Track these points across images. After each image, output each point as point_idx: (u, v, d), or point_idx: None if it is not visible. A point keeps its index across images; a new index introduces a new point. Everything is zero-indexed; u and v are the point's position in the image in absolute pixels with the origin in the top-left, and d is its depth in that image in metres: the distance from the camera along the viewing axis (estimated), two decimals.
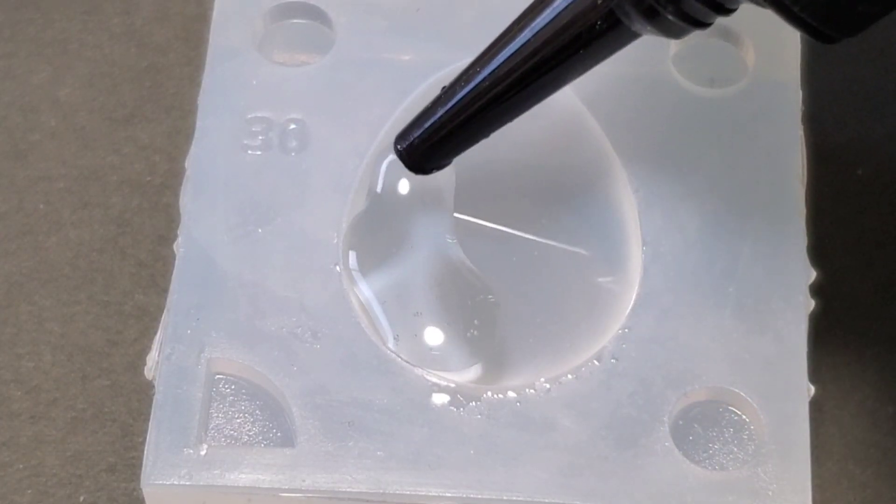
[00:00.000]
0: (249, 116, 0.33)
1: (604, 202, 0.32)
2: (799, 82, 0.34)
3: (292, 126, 0.33)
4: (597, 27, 0.28)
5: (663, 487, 0.29)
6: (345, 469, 0.29)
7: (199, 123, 0.33)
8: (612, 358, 0.31)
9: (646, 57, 0.34)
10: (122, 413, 0.34)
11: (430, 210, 0.32)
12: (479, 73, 0.30)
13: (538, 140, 0.33)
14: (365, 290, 0.31)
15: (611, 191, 0.32)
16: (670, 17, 0.27)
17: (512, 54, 0.29)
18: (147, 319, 0.35)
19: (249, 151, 0.33)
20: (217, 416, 0.30)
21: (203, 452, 0.30)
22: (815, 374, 0.31)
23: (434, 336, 0.31)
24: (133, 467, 0.33)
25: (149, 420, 0.30)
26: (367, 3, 0.34)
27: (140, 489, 0.30)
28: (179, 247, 0.32)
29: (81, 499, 0.33)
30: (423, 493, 0.29)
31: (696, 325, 0.31)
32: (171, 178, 0.36)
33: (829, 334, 0.34)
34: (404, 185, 0.32)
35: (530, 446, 0.30)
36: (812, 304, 0.31)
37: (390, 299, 0.31)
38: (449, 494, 0.29)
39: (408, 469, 0.29)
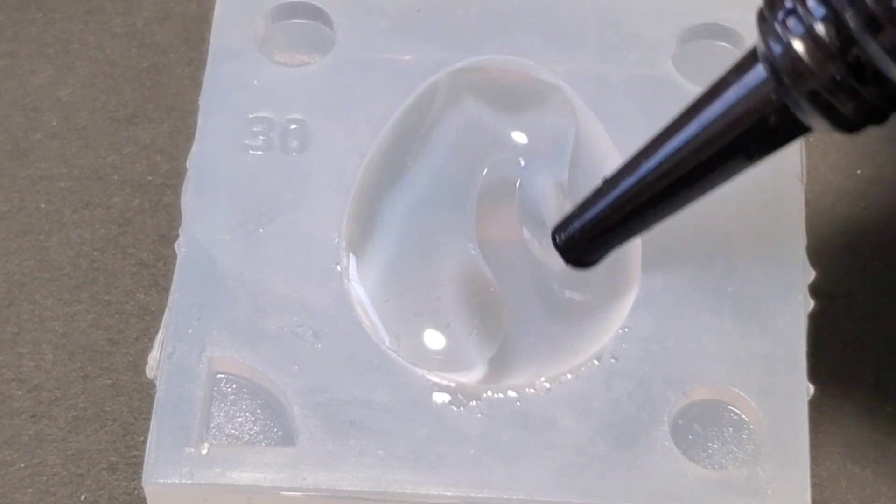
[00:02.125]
0: (250, 116, 0.33)
1: None
2: None
3: (293, 126, 0.33)
4: (770, 122, 0.27)
5: (663, 486, 0.29)
6: (346, 468, 0.29)
7: (200, 123, 0.33)
8: (612, 357, 0.31)
9: (646, 57, 0.34)
10: (124, 412, 0.34)
11: (453, 214, 0.32)
12: (643, 165, 0.29)
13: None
14: (366, 290, 0.31)
15: None
16: (847, 112, 0.26)
17: (679, 148, 0.28)
18: (148, 319, 0.35)
19: (250, 151, 0.33)
20: (218, 415, 0.30)
21: (204, 451, 0.30)
22: (814, 374, 0.31)
23: (435, 337, 0.31)
24: (134, 466, 0.33)
25: (150, 419, 0.30)
26: (367, 3, 0.34)
27: (141, 488, 0.30)
28: (181, 246, 0.32)
29: (83, 497, 0.33)
30: (424, 492, 0.29)
31: (696, 325, 0.31)
32: (173, 178, 0.36)
33: (829, 334, 0.34)
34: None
35: (530, 445, 0.30)
36: (811, 303, 0.31)
37: (392, 299, 0.31)
38: (449, 493, 0.29)
39: (408, 468, 0.29)
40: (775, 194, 0.32)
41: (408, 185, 0.32)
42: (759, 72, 0.27)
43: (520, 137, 0.33)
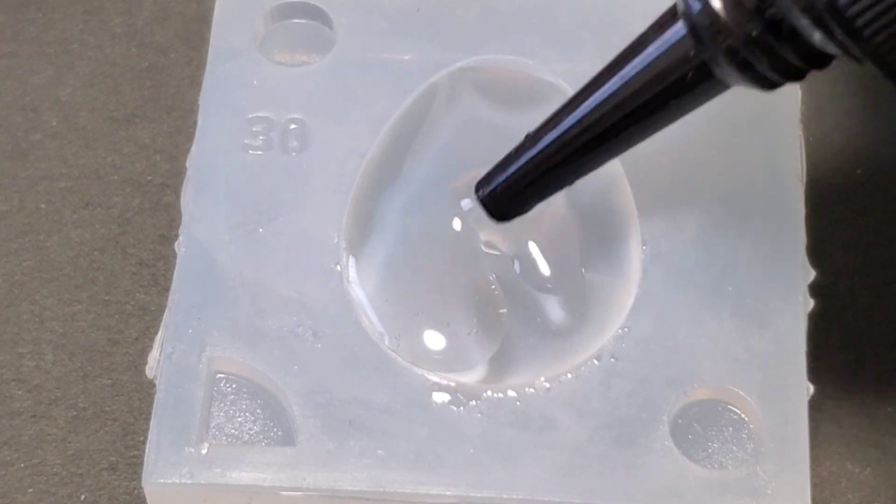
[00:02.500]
0: (250, 116, 0.33)
1: (603, 202, 0.32)
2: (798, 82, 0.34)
3: (293, 126, 0.33)
4: (688, 78, 0.27)
5: (663, 486, 0.29)
6: (345, 468, 0.29)
7: (200, 123, 0.33)
8: (612, 357, 0.31)
9: None
10: (124, 412, 0.34)
11: (452, 214, 0.32)
12: (564, 120, 0.29)
13: None
14: (366, 290, 0.31)
15: (610, 191, 0.32)
16: (764, 70, 0.27)
17: (600, 103, 0.29)
18: (148, 318, 0.35)
19: (250, 151, 0.33)
20: (218, 415, 0.30)
21: (204, 451, 0.30)
22: (814, 374, 0.31)
23: (435, 337, 0.31)
24: (134, 466, 0.33)
25: (150, 419, 0.30)
26: (367, 3, 0.34)
27: (141, 488, 0.30)
28: (181, 246, 0.32)
29: (83, 497, 0.33)
30: (424, 492, 0.29)
31: (696, 325, 0.31)
32: (173, 178, 0.36)
33: (829, 334, 0.34)
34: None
35: (530, 445, 0.30)
36: (811, 303, 0.31)
37: (392, 299, 0.31)
38: (449, 493, 0.29)
39: (408, 468, 0.29)
40: (775, 194, 0.32)
41: (408, 184, 0.32)
42: (678, 29, 0.27)
43: (520, 137, 0.33)
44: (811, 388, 0.30)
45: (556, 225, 0.32)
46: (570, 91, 0.33)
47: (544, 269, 0.31)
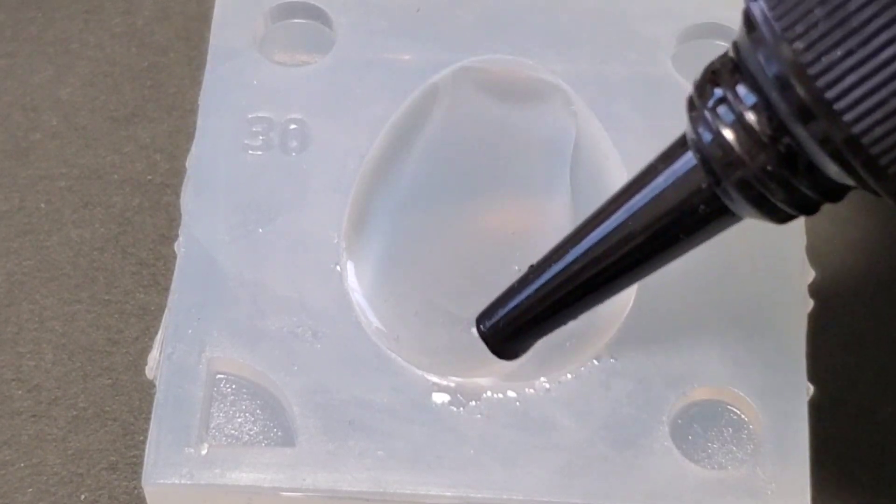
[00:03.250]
0: (250, 116, 0.33)
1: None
2: None
3: (293, 126, 0.33)
4: (699, 211, 0.26)
5: (662, 487, 0.29)
6: (345, 468, 0.29)
7: (199, 123, 0.33)
8: (612, 358, 0.31)
9: (646, 57, 0.34)
10: (124, 412, 0.34)
11: (452, 213, 0.32)
12: (569, 254, 0.28)
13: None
14: (366, 290, 0.31)
15: (611, 191, 0.32)
16: (779, 203, 0.25)
17: (605, 236, 0.27)
18: (148, 318, 0.35)
19: (250, 151, 0.33)
20: (218, 416, 0.30)
21: (204, 452, 0.30)
22: (814, 374, 0.31)
23: (435, 337, 0.31)
24: (134, 466, 0.33)
25: (150, 419, 0.30)
26: (367, 3, 0.34)
27: (141, 488, 0.30)
28: (180, 246, 0.32)
29: (82, 497, 0.33)
30: (423, 493, 0.29)
31: (696, 325, 0.31)
32: (172, 178, 0.36)
33: (829, 334, 0.34)
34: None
35: (530, 446, 0.30)
36: (811, 304, 0.31)
37: (392, 299, 0.31)
38: (449, 494, 0.29)
39: (408, 468, 0.29)
40: None
41: (407, 184, 0.32)
42: (688, 159, 0.26)
43: (520, 136, 0.33)
44: (811, 389, 0.30)
45: (556, 225, 0.32)
46: (570, 90, 0.33)
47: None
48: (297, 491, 0.29)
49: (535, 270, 0.28)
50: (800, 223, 0.32)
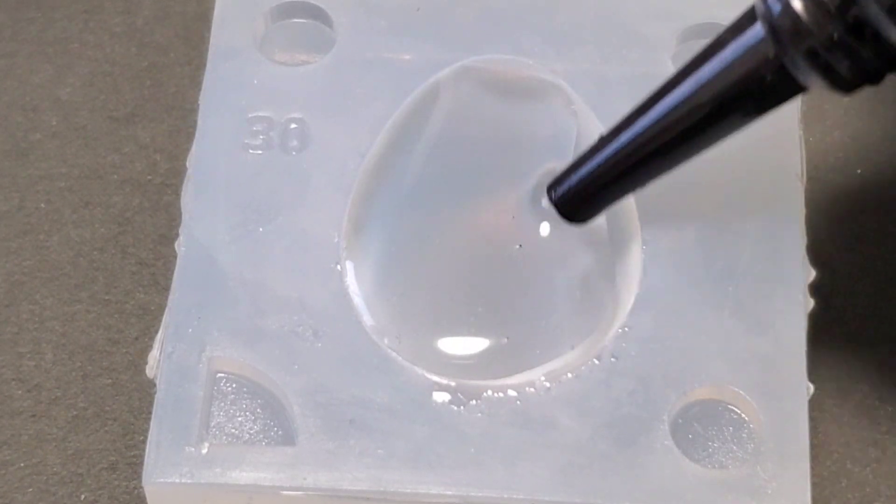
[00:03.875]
0: (250, 116, 0.33)
1: None
2: None
3: (293, 125, 0.33)
4: (766, 80, 0.27)
5: (663, 485, 0.29)
6: (346, 467, 0.29)
7: (200, 123, 0.33)
8: (612, 357, 0.31)
9: (646, 57, 0.34)
10: (124, 411, 0.34)
11: (453, 212, 0.32)
12: (639, 122, 0.29)
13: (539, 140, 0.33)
14: (366, 289, 0.31)
15: None
16: (844, 72, 0.26)
17: (675, 105, 0.28)
18: (148, 318, 0.35)
19: (250, 151, 0.33)
20: (218, 415, 0.30)
21: (204, 451, 0.30)
22: (814, 373, 0.31)
23: (435, 336, 0.31)
24: (134, 466, 0.33)
25: (150, 418, 0.30)
26: (367, 3, 0.34)
27: (141, 487, 0.30)
28: (180, 246, 0.32)
29: (83, 497, 0.33)
30: (424, 492, 0.29)
31: (696, 325, 0.31)
32: (172, 178, 0.36)
33: (829, 333, 0.34)
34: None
35: (530, 445, 0.30)
36: (811, 303, 0.31)
37: (392, 298, 0.31)
38: (449, 493, 0.29)
39: (408, 467, 0.29)
40: (775, 194, 0.32)
41: (408, 184, 0.32)
42: (756, 30, 0.27)
43: (520, 136, 0.33)
44: (811, 388, 0.30)
45: (556, 224, 0.32)
46: (570, 90, 0.33)
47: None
48: (298, 490, 0.29)
49: (606, 138, 0.30)
50: (800, 223, 0.32)
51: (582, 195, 0.30)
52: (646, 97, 0.29)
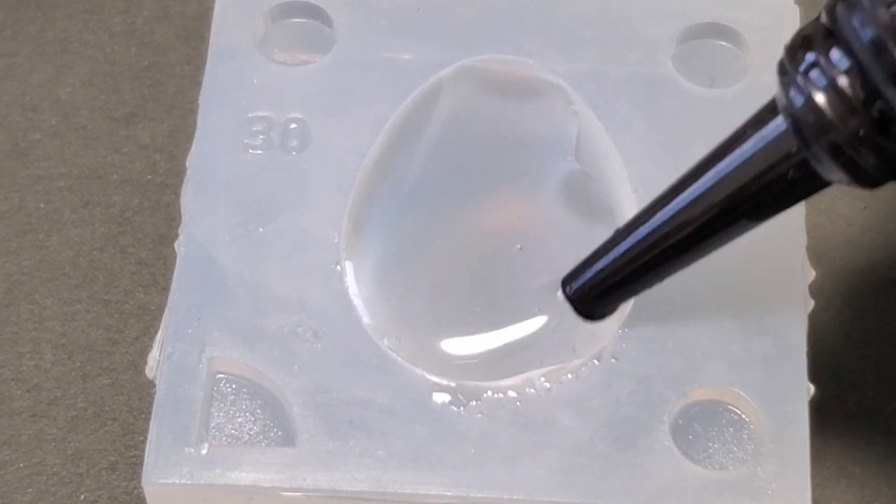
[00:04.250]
0: (250, 115, 0.33)
1: (604, 203, 0.32)
2: None
3: (293, 125, 0.33)
4: (788, 176, 0.26)
5: (663, 486, 0.29)
6: (346, 468, 0.29)
7: (199, 122, 0.33)
8: (612, 357, 0.31)
9: (646, 57, 0.34)
10: (123, 412, 0.34)
11: (453, 212, 0.32)
12: (656, 217, 0.28)
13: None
14: (366, 289, 0.31)
15: (611, 190, 0.32)
16: (870, 168, 0.25)
17: (694, 200, 0.28)
18: (148, 318, 0.35)
19: (250, 151, 0.33)
20: (218, 415, 0.30)
21: (204, 451, 0.30)
22: (814, 374, 0.31)
23: (436, 336, 0.31)
24: (134, 466, 0.33)
25: (150, 419, 0.30)
26: (367, 2, 0.34)
27: (141, 488, 0.30)
28: (180, 246, 0.32)
29: (82, 497, 0.33)
30: (424, 492, 0.29)
31: (696, 325, 0.31)
32: (172, 177, 0.36)
33: (829, 334, 0.34)
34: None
35: (530, 445, 0.30)
36: (812, 303, 0.31)
37: (392, 298, 0.31)
38: (449, 493, 0.29)
39: (408, 468, 0.29)
40: None
41: (408, 184, 0.32)
42: (778, 124, 0.26)
43: (520, 136, 0.33)
44: (811, 388, 0.30)
45: (556, 224, 0.32)
46: (571, 90, 0.33)
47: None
48: (298, 491, 0.29)
49: (622, 234, 0.29)
50: (800, 223, 0.32)
51: (597, 293, 0.30)
52: (663, 192, 0.28)
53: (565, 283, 0.30)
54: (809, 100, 0.25)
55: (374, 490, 0.29)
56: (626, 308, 0.31)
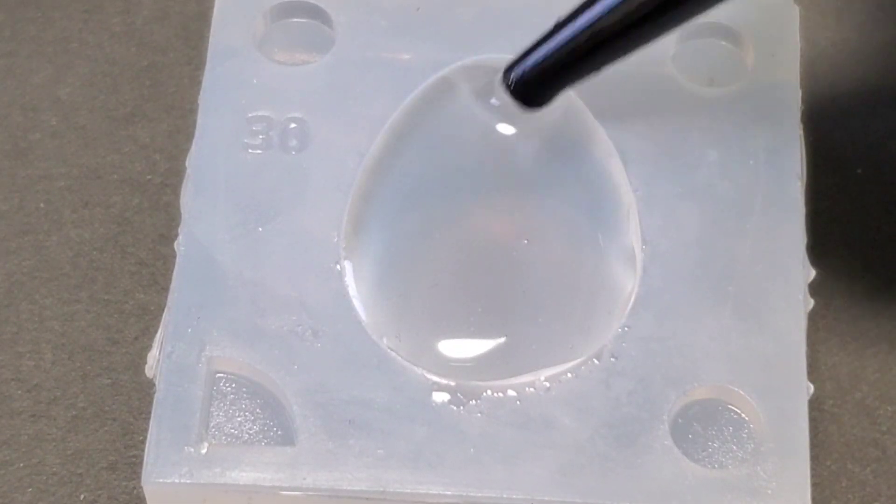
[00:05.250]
0: (250, 115, 0.33)
1: (604, 202, 0.32)
2: (798, 82, 0.34)
3: (293, 125, 0.33)
4: None
5: (663, 486, 0.29)
6: (345, 467, 0.29)
7: (199, 122, 0.33)
8: (612, 356, 0.31)
9: (646, 57, 0.34)
10: (123, 411, 0.34)
11: (453, 212, 0.32)
12: (597, 5, 0.29)
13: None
14: (366, 289, 0.31)
15: (611, 190, 0.32)
16: None
17: None
18: (148, 318, 0.35)
19: (250, 150, 0.33)
20: (218, 415, 0.30)
21: (204, 451, 0.30)
22: (814, 373, 0.31)
23: (436, 336, 0.31)
24: (134, 466, 0.33)
25: (150, 418, 0.30)
26: (367, 2, 0.34)
27: (141, 487, 0.30)
28: (180, 245, 0.32)
29: (82, 497, 0.33)
30: (424, 492, 0.29)
31: (696, 324, 0.31)
32: (172, 177, 0.36)
33: (829, 333, 0.34)
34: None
35: (530, 445, 0.30)
36: (811, 303, 0.31)
37: (392, 298, 0.31)
38: (449, 493, 0.29)
39: (408, 467, 0.29)
40: (775, 194, 0.32)
41: (408, 184, 0.32)
42: None
43: (520, 135, 0.33)
44: (811, 388, 0.30)
45: (556, 224, 0.32)
46: (570, 90, 0.33)
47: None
48: (297, 490, 0.29)
49: (562, 23, 0.30)
50: (800, 223, 0.32)
51: (537, 81, 0.30)
52: None
53: (506, 72, 0.31)
54: None
55: (373, 489, 0.29)
56: (626, 307, 0.31)
